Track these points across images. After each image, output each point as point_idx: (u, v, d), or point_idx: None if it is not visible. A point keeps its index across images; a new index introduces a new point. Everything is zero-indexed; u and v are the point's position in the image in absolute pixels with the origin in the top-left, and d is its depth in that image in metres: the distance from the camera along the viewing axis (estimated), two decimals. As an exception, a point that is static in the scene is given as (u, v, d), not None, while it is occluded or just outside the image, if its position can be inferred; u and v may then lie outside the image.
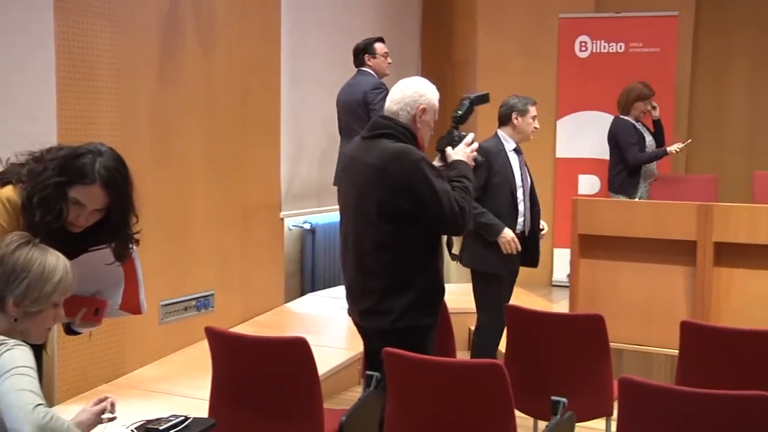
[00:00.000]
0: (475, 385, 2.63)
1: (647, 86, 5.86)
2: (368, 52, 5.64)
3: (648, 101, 5.84)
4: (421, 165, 2.93)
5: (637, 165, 5.74)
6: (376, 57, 5.62)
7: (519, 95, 4.55)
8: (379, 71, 5.63)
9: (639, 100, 5.81)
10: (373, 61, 5.62)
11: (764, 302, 4.60)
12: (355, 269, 3.12)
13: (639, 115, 5.87)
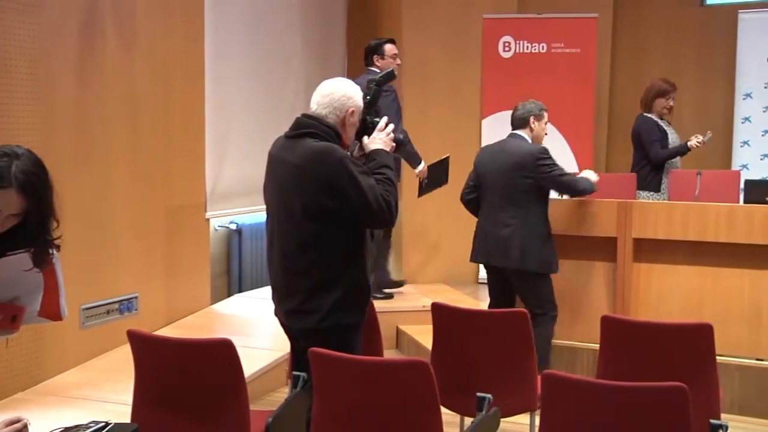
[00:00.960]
0: (401, 383, 2.64)
1: (667, 82, 5.90)
2: (377, 53, 5.78)
3: (669, 97, 5.87)
4: (344, 162, 2.93)
5: (658, 161, 5.80)
6: (385, 58, 5.74)
7: (534, 100, 4.68)
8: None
9: (659, 97, 5.87)
10: (381, 62, 5.73)
11: (680, 296, 4.76)
12: (280, 269, 3.10)
13: (662, 111, 5.91)
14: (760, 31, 6.67)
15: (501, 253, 4.48)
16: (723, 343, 3.99)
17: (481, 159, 4.68)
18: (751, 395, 4.53)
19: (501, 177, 4.50)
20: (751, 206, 4.68)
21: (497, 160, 4.55)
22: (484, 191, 4.61)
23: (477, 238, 4.63)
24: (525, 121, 4.59)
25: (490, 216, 4.55)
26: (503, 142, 4.66)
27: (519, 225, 4.45)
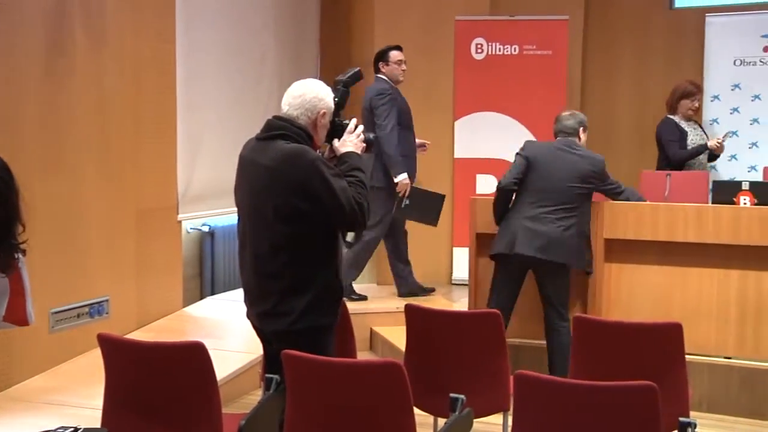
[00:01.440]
0: (374, 385, 2.64)
1: (693, 83, 5.93)
2: (382, 60, 5.90)
3: (694, 98, 5.89)
4: (316, 164, 2.92)
5: (677, 161, 5.85)
6: (389, 64, 5.87)
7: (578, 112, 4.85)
8: (393, 78, 5.88)
9: (683, 98, 5.91)
10: (386, 68, 5.88)
11: (651, 296, 4.81)
12: (252, 271, 3.09)
13: (687, 113, 5.93)
14: (727, 34, 6.76)
15: (545, 247, 4.45)
16: (692, 342, 4.05)
17: (538, 155, 4.61)
18: (719, 393, 4.59)
19: (565, 179, 4.51)
20: (719, 206, 4.74)
21: (560, 160, 4.55)
22: (536, 187, 4.56)
23: (521, 231, 4.51)
24: (575, 130, 4.68)
25: (543, 213, 4.50)
26: (561, 143, 4.65)
27: (573, 224, 4.51)
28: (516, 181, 4.61)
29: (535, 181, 4.57)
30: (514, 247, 4.51)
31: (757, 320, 4.61)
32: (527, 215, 4.53)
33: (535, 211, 4.52)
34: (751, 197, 4.81)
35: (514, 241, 4.51)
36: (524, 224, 4.51)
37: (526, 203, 4.57)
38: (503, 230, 4.62)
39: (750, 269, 4.62)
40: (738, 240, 4.59)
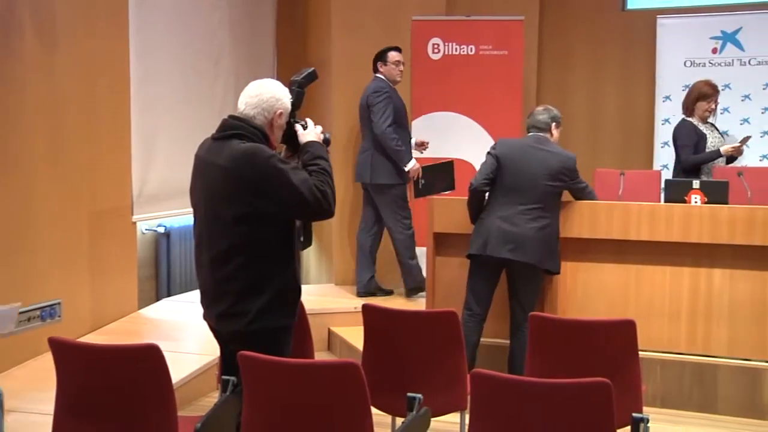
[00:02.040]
0: (331, 385, 2.63)
1: (709, 85, 5.82)
2: (381, 60, 6.09)
3: (710, 100, 5.78)
4: (272, 161, 2.91)
5: (687, 166, 5.74)
6: (387, 64, 6.06)
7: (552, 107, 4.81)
8: (390, 78, 6.07)
9: (700, 100, 5.79)
10: (384, 68, 6.08)
11: (605, 293, 4.87)
12: (209, 272, 3.06)
13: (704, 114, 5.81)
14: (678, 35, 6.90)
15: (522, 248, 4.44)
16: (645, 339, 4.12)
17: (509, 154, 4.58)
18: (672, 388, 4.67)
19: (538, 177, 4.49)
20: (671, 205, 4.82)
21: (532, 158, 4.53)
22: (508, 186, 4.53)
23: (494, 232, 4.49)
24: (548, 126, 4.66)
25: (516, 212, 4.48)
26: (533, 140, 4.62)
27: (547, 224, 4.50)
28: (487, 182, 4.59)
29: (507, 180, 4.55)
30: (487, 249, 4.50)
31: (707, 316, 4.70)
32: (500, 215, 4.52)
33: (508, 211, 4.50)
34: (701, 196, 4.90)
35: (487, 242, 4.51)
36: (497, 224, 4.50)
37: (499, 202, 4.56)
38: (477, 230, 4.60)
39: (701, 266, 4.71)
40: (689, 238, 4.68)
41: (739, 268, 4.65)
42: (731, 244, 4.62)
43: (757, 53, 6.66)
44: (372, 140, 6.04)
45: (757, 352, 4.62)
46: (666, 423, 4.38)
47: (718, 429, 4.41)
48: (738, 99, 6.71)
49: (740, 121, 6.71)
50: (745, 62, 6.71)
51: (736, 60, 6.73)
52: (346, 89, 6.73)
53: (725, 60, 6.76)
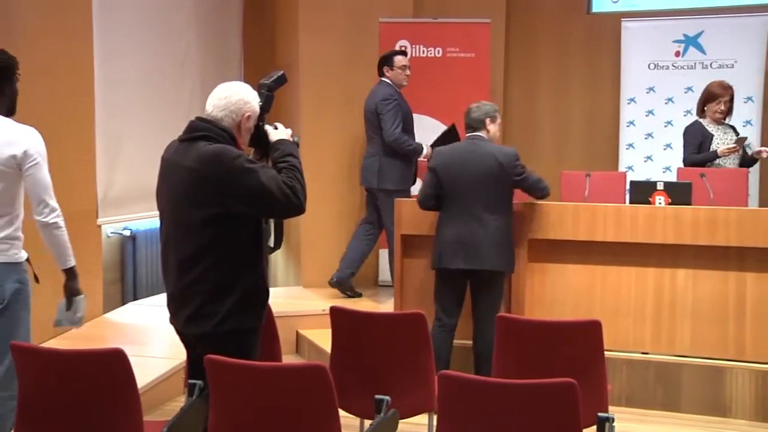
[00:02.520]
0: (298, 388, 2.63)
1: (719, 86, 5.78)
2: (387, 64, 6.06)
3: (719, 101, 5.75)
4: (240, 161, 2.90)
5: (688, 165, 5.79)
6: (394, 69, 6.04)
7: (488, 102, 4.74)
8: (397, 82, 6.07)
9: (709, 102, 5.78)
10: (390, 73, 6.06)
11: (572, 294, 4.92)
12: (176, 275, 3.04)
13: (714, 116, 5.77)
14: (642, 38, 6.98)
15: (481, 256, 4.42)
16: (611, 339, 4.16)
17: (446, 163, 4.54)
18: (637, 387, 4.73)
19: (479, 180, 4.44)
20: (636, 206, 4.88)
21: (469, 162, 4.48)
22: (453, 195, 4.49)
23: (447, 244, 4.48)
24: (482, 122, 4.59)
25: (467, 220, 4.45)
26: (470, 144, 4.58)
27: (500, 226, 4.47)
28: (429, 197, 4.57)
29: (450, 190, 4.51)
30: (443, 261, 4.50)
31: (671, 316, 4.76)
32: (451, 225, 4.50)
33: (458, 221, 4.48)
34: (665, 197, 4.96)
35: (443, 255, 4.50)
36: (449, 235, 4.49)
37: (448, 214, 4.53)
38: (434, 243, 4.59)
39: (665, 267, 4.77)
40: (653, 239, 4.74)
41: (701, 268, 4.72)
42: (694, 245, 4.69)
43: (718, 56, 6.77)
44: (381, 146, 6.06)
45: (719, 351, 4.69)
46: (631, 422, 4.43)
47: (682, 427, 4.47)
48: (701, 102, 6.80)
49: (703, 124, 6.80)
50: (707, 65, 6.81)
51: (699, 63, 6.83)
52: (314, 92, 6.72)
53: (688, 63, 6.86)
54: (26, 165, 3.41)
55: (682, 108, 6.83)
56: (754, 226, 4.58)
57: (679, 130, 6.83)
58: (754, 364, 4.60)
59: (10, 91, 3.50)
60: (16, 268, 3.50)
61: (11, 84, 3.50)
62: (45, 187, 3.44)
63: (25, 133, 3.45)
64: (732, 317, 4.66)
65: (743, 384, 4.57)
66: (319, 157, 6.50)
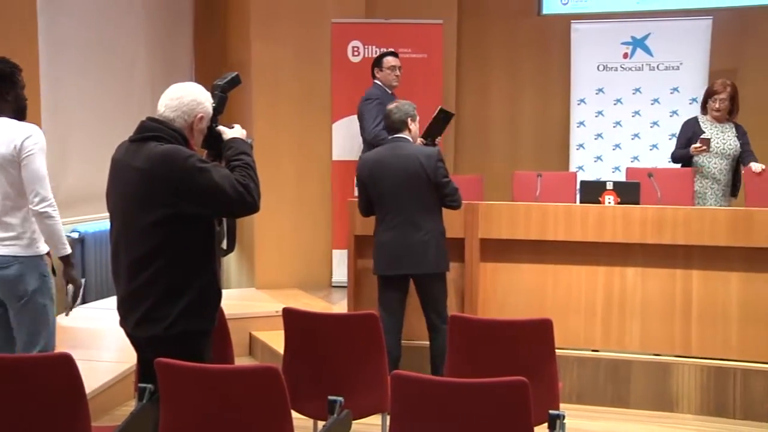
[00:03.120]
0: (250, 390, 2.61)
1: (720, 83, 5.69)
2: (377, 66, 6.09)
3: (715, 99, 5.67)
4: (192, 161, 2.86)
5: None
6: (383, 70, 6.05)
7: (405, 100, 4.69)
8: (386, 83, 6.06)
9: (707, 98, 5.73)
10: (380, 74, 6.07)
11: (524, 293, 4.97)
12: (127, 278, 2.99)
13: (712, 113, 5.71)
14: (591, 40, 7.08)
15: (419, 260, 4.44)
16: (562, 337, 4.22)
17: (372, 170, 4.51)
18: (587, 384, 4.80)
19: (406, 182, 4.43)
20: (586, 206, 4.95)
21: (395, 166, 4.46)
22: (385, 201, 4.48)
23: (384, 250, 4.50)
24: (404, 123, 4.57)
25: (400, 224, 4.44)
26: (392, 147, 4.54)
27: (433, 228, 4.47)
28: (364, 206, 4.59)
29: (379, 198, 4.51)
30: (384, 268, 4.52)
31: (620, 314, 4.84)
32: (386, 232, 4.50)
33: (390, 226, 4.48)
34: (615, 196, 5.04)
35: (383, 261, 4.52)
36: (385, 242, 4.50)
37: (383, 221, 4.53)
38: (374, 250, 4.59)
39: (615, 265, 4.85)
40: (603, 238, 4.81)
41: (650, 266, 4.80)
42: (643, 243, 4.77)
43: (664, 58, 6.90)
44: (368, 146, 5.99)
45: (667, 347, 4.78)
46: (582, 419, 4.49)
47: (631, 423, 4.55)
48: (648, 103, 6.93)
49: (650, 124, 6.93)
50: (654, 67, 6.94)
51: (646, 65, 6.95)
52: (267, 93, 6.68)
53: (636, 65, 6.98)
54: (23, 155, 3.59)
55: (631, 109, 6.96)
56: (699, 225, 4.68)
57: (627, 131, 6.98)
58: (700, 360, 4.70)
59: (15, 96, 3.71)
60: (38, 262, 3.72)
61: (15, 89, 3.71)
62: (38, 178, 3.60)
63: (25, 128, 3.65)
64: (679, 314, 4.76)
65: (689, 379, 4.67)
66: (273, 159, 6.47)
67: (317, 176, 6.79)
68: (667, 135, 6.87)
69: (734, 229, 4.63)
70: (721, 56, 6.91)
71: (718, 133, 5.71)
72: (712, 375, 4.64)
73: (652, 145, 6.92)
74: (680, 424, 4.53)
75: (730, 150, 5.66)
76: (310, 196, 6.80)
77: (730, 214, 4.70)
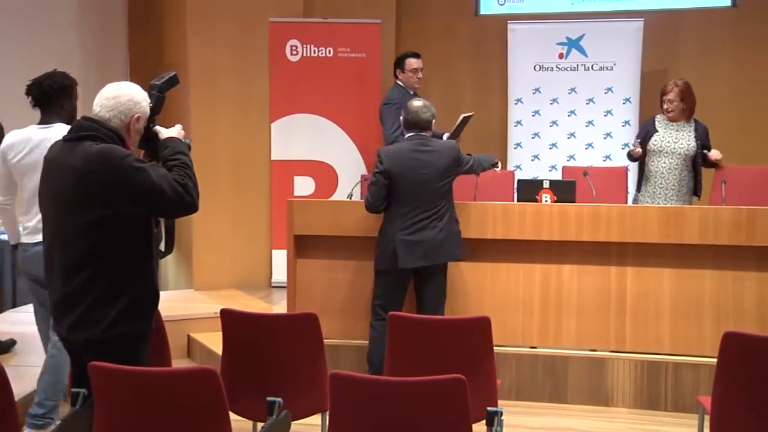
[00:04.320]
0: (187, 393, 2.58)
1: (671, 82, 5.61)
2: (399, 67, 6.06)
3: (664, 99, 5.59)
4: (128, 160, 2.82)
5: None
6: (405, 72, 6.02)
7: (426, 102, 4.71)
8: (408, 85, 6.04)
9: (660, 97, 5.65)
10: (402, 76, 6.04)
11: (464, 291, 4.99)
12: (62, 280, 2.93)
13: (666, 113, 5.62)
14: (527, 41, 7.17)
15: (437, 253, 4.51)
16: (501, 334, 4.28)
17: (398, 167, 4.48)
18: (525, 380, 4.86)
19: (430, 182, 4.49)
20: (523, 204, 5.01)
21: (421, 165, 4.49)
22: (402, 198, 4.48)
23: (395, 247, 4.45)
24: (430, 124, 4.63)
25: (413, 221, 4.46)
26: (416, 143, 4.55)
27: (448, 219, 4.55)
28: (382, 202, 4.52)
29: (402, 193, 4.49)
30: (398, 263, 4.47)
31: (557, 311, 4.91)
32: (402, 228, 4.48)
33: (409, 222, 4.48)
34: (551, 195, 5.11)
35: (396, 257, 4.46)
36: (401, 238, 4.46)
37: (398, 214, 4.51)
38: (382, 246, 4.54)
39: (551, 263, 4.92)
40: (540, 236, 4.88)
41: (585, 263, 4.88)
42: (578, 241, 4.85)
43: (598, 59, 7.03)
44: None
45: (602, 343, 4.87)
46: (520, 415, 4.54)
47: (567, 418, 4.62)
48: (583, 102, 7.05)
49: (585, 124, 7.05)
50: (589, 67, 7.06)
51: (581, 65, 7.07)
52: (204, 93, 6.60)
53: (571, 65, 7.09)
54: None
55: (566, 108, 7.06)
56: (633, 222, 4.78)
57: (563, 130, 7.09)
58: (633, 354, 4.80)
59: (69, 106, 4.16)
60: None
61: (70, 100, 4.18)
62: None
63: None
64: (613, 310, 4.85)
65: (623, 373, 4.77)
66: (211, 159, 6.40)
67: (256, 176, 6.74)
68: (601, 134, 7.01)
69: (666, 227, 4.74)
70: (653, 57, 7.07)
71: (671, 132, 5.61)
72: (645, 369, 4.75)
73: (588, 144, 7.04)
74: (614, 418, 4.63)
75: (681, 149, 5.57)
76: (249, 196, 6.74)
77: (662, 212, 4.82)
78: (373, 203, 4.56)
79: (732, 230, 4.68)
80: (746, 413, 3.09)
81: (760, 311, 4.72)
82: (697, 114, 5.68)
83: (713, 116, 6.02)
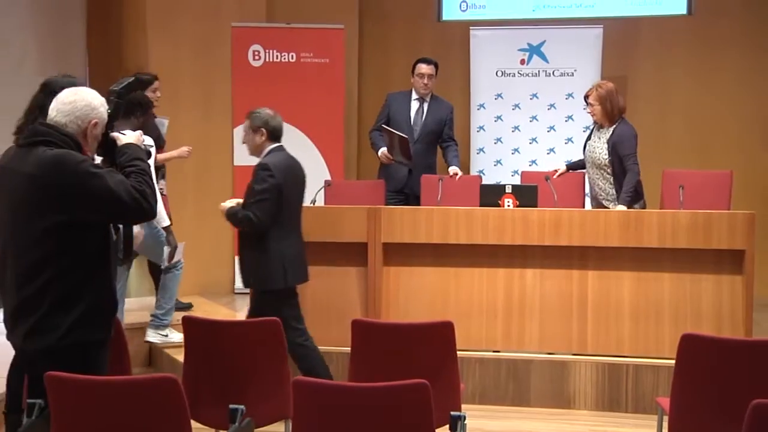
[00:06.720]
0: (148, 402, 2.55)
1: (594, 84, 5.54)
2: (413, 69, 6.30)
3: (586, 102, 5.52)
4: (84, 165, 2.78)
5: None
6: (414, 77, 6.28)
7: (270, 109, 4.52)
8: (416, 89, 6.31)
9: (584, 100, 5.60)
10: (412, 80, 6.33)
11: (427, 296, 5.03)
12: (15, 289, 2.87)
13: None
14: (489, 46, 7.22)
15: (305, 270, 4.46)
16: (464, 338, 4.29)
17: (286, 177, 4.30)
18: (489, 384, 4.89)
19: (303, 192, 4.50)
20: (486, 209, 5.04)
21: (298, 175, 4.45)
22: (287, 210, 4.31)
23: (295, 260, 4.33)
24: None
25: (298, 234, 4.41)
26: (289, 155, 4.44)
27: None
28: (275, 217, 4.24)
29: (288, 205, 4.32)
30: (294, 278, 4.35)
31: (520, 315, 4.95)
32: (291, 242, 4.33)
33: (298, 235, 4.41)
34: (513, 200, 5.15)
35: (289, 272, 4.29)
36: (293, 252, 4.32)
37: (291, 229, 4.36)
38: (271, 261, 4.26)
39: (514, 267, 4.96)
40: (503, 240, 4.91)
41: (548, 267, 4.93)
42: (541, 245, 4.90)
43: (559, 65, 7.10)
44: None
45: (565, 346, 4.92)
46: (484, 419, 4.57)
47: (530, 421, 4.66)
48: (545, 108, 7.11)
49: (547, 129, 7.11)
50: (550, 73, 7.13)
51: (542, 71, 7.14)
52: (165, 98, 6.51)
53: (532, 71, 7.15)
54: None
55: (528, 114, 7.12)
56: (594, 226, 4.84)
57: (525, 135, 7.13)
58: (595, 357, 4.85)
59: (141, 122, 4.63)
60: None
61: (144, 116, 4.80)
62: None
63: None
64: (575, 313, 4.90)
65: (585, 376, 4.82)
66: (173, 164, 6.32)
67: (218, 181, 6.69)
68: (563, 139, 7.07)
69: (626, 231, 4.81)
70: (612, 63, 7.15)
71: (594, 140, 5.52)
72: (606, 371, 4.80)
73: (550, 149, 7.11)
74: (576, 420, 4.67)
75: (593, 158, 5.46)
76: (212, 202, 6.66)
77: (623, 216, 4.88)
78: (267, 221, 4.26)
79: (690, 234, 4.76)
80: (703, 413, 3.14)
81: (716, 313, 4.81)
82: (655, 118, 5.76)
83: (670, 121, 6.12)
